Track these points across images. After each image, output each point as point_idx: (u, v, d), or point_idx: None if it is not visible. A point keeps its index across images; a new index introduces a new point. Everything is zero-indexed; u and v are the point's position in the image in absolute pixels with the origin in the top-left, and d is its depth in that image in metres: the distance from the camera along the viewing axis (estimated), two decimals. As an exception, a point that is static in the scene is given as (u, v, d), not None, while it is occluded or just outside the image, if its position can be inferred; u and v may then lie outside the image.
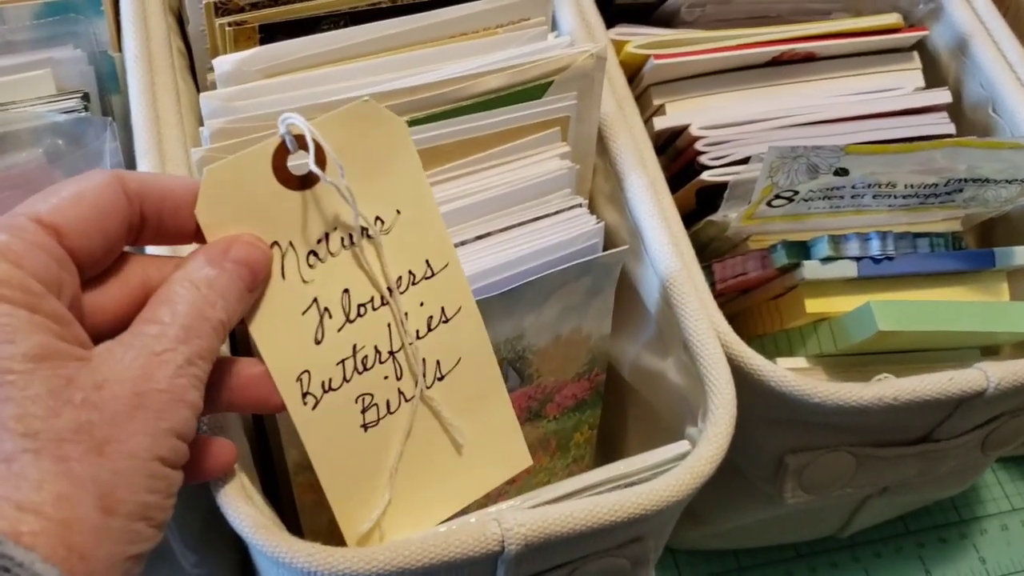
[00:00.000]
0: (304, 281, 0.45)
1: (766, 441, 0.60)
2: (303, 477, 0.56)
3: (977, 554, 0.83)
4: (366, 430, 0.47)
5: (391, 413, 0.48)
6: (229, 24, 0.59)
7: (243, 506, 0.45)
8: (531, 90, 0.56)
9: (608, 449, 0.71)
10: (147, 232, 0.42)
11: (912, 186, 0.60)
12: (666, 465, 0.52)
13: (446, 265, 0.48)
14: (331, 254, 0.46)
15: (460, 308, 0.49)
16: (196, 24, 0.60)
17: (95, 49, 0.63)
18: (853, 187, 0.59)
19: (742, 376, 0.55)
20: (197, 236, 0.43)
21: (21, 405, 0.34)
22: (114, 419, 0.36)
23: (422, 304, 0.48)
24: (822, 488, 0.63)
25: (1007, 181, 0.60)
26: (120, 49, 0.62)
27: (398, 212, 0.47)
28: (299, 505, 0.58)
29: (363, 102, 0.45)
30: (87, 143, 0.59)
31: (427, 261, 0.48)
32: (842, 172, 0.57)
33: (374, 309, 0.47)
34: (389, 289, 0.47)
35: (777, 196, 0.58)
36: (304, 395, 0.45)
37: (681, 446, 0.52)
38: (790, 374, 0.54)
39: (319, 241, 0.45)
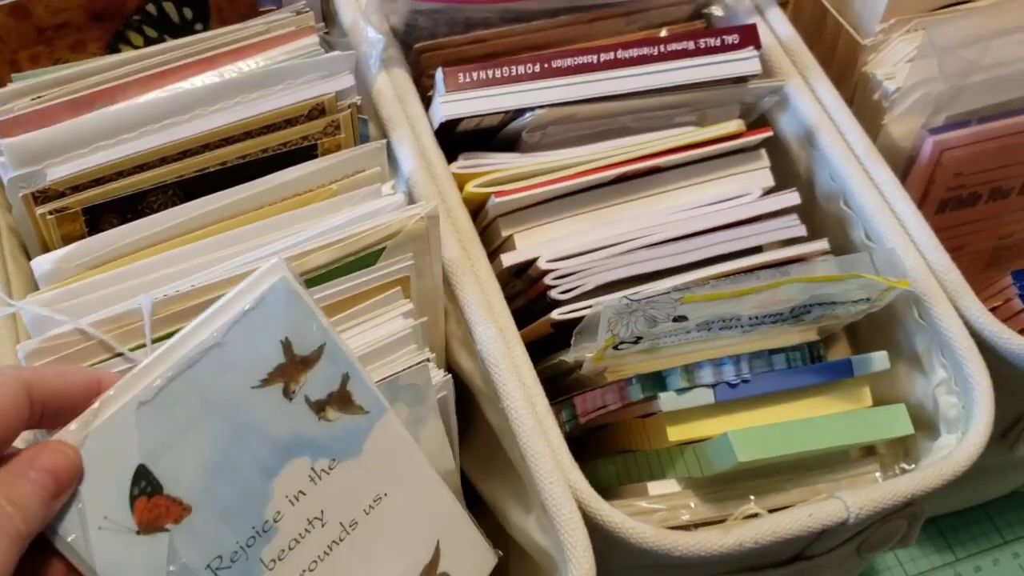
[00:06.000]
0: None
1: (637, 582, 0.59)
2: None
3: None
4: None
5: None
6: (50, 212, 0.57)
7: None
8: (364, 259, 0.55)
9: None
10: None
11: (757, 317, 0.59)
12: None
13: None
14: None
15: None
16: (18, 211, 0.58)
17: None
18: (697, 325, 0.58)
19: (603, 531, 0.54)
20: None
21: None
22: None
23: None
24: (699, 617, 0.62)
25: (853, 301, 0.60)
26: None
27: None
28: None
29: None
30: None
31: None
32: (681, 319, 0.56)
33: None
34: None
35: (622, 342, 0.57)
36: None
37: (546, 613, 0.52)
38: (648, 530, 0.53)
39: None
